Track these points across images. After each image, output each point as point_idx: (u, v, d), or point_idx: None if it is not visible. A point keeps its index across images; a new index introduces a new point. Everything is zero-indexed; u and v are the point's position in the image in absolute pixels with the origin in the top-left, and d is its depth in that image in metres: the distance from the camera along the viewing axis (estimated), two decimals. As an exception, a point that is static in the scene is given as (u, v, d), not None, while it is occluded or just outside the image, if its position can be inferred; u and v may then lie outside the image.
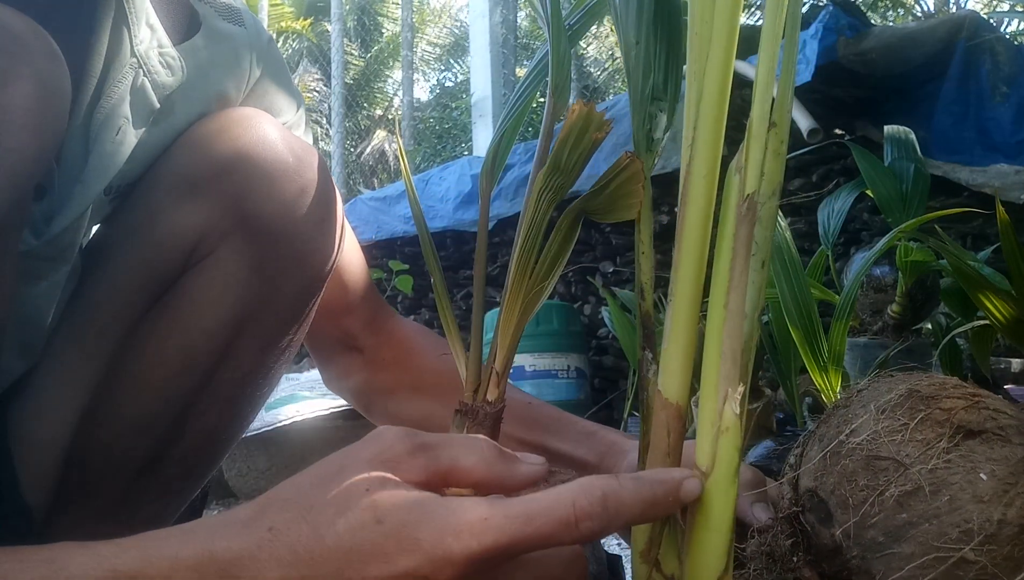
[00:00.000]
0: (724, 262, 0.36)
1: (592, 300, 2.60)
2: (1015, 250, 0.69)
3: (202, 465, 0.72)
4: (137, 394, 0.65)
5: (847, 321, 0.70)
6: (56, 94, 0.51)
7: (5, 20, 0.50)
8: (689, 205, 0.36)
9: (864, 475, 0.41)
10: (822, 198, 1.25)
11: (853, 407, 0.45)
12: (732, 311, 0.35)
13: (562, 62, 0.55)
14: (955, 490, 0.39)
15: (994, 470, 0.39)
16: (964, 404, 0.42)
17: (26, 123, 0.49)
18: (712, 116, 0.35)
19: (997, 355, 1.33)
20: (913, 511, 0.39)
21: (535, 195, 0.51)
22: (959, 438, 0.40)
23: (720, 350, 0.35)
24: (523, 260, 0.51)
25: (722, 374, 0.35)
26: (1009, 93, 1.89)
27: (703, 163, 0.36)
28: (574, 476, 0.54)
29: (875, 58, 1.93)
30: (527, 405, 0.76)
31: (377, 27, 12.71)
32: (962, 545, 0.37)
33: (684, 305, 0.37)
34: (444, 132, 10.28)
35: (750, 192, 0.35)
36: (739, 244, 0.35)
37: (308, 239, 0.67)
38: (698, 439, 0.36)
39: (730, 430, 0.35)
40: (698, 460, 0.36)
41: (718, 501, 0.35)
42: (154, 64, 0.65)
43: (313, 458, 1.70)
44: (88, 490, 0.66)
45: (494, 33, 4.81)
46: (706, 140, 0.35)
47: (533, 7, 0.60)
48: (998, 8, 6.77)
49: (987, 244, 1.57)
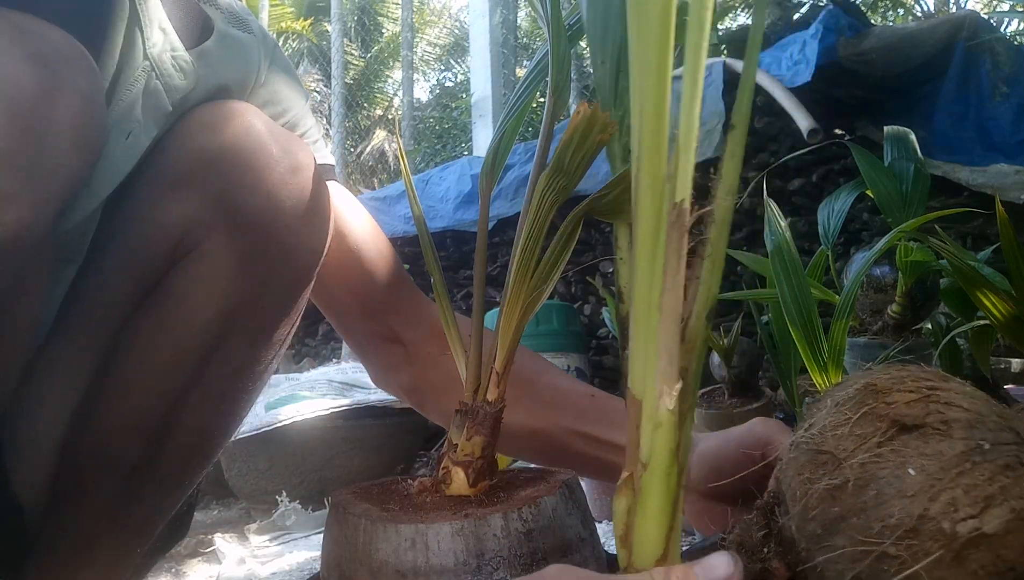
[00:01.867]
0: (655, 265, 0.37)
1: (592, 300, 2.60)
2: (1015, 250, 0.69)
3: (195, 462, 0.72)
4: (128, 391, 0.64)
5: (847, 321, 0.70)
6: (98, 111, 0.53)
7: (52, 38, 0.51)
8: (640, 213, 0.37)
9: (808, 468, 0.42)
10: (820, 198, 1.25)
11: (824, 400, 0.46)
12: (666, 312, 0.36)
13: (562, 62, 0.55)
14: (882, 484, 0.39)
15: (924, 465, 0.38)
16: (911, 398, 0.41)
17: (73, 141, 0.51)
18: (652, 128, 0.37)
19: (997, 355, 1.33)
20: (844, 504, 0.40)
21: (537, 196, 0.51)
22: (893, 432, 0.40)
23: (657, 350, 0.36)
24: (524, 261, 0.51)
25: (658, 372, 0.36)
26: (1009, 93, 1.89)
27: (647, 173, 0.37)
28: (572, 476, 0.54)
29: (875, 58, 1.93)
30: (590, 398, 0.75)
31: (377, 27, 12.71)
32: (884, 539, 0.38)
33: (643, 308, 0.38)
34: (444, 132, 10.28)
35: (679, 200, 0.36)
36: (671, 249, 0.36)
37: (295, 231, 0.66)
38: (642, 435, 0.37)
39: (663, 426, 0.36)
40: (641, 454, 0.37)
41: (653, 492, 0.37)
42: (167, 68, 0.66)
43: (313, 458, 1.73)
44: (81, 488, 0.65)
45: (494, 33, 4.81)
46: (649, 151, 0.37)
47: (533, 7, 0.60)
48: (998, 8, 6.77)
49: (987, 244, 1.57)
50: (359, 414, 1.91)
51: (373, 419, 1.94)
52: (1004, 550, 0.36)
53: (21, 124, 0.48)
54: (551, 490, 0.50)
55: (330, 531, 0.51)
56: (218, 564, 1.46)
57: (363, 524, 0.48)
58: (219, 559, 1.48)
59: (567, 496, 0.51)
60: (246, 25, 0.76)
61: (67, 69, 0.51)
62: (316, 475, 1.88)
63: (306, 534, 1.63)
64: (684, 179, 0.37)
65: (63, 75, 0.51)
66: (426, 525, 0.46)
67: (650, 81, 0.36)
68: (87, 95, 0.52)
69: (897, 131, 1.19)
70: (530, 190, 0.53)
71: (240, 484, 1.91)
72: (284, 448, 1.83)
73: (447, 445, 0.54)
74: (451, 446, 0.54)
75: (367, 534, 0.47)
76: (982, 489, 0.37)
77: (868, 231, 1.96)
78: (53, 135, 0.50)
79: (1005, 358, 1.34)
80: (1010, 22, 4.07)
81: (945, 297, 1.05)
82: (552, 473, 0.56)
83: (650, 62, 0.35)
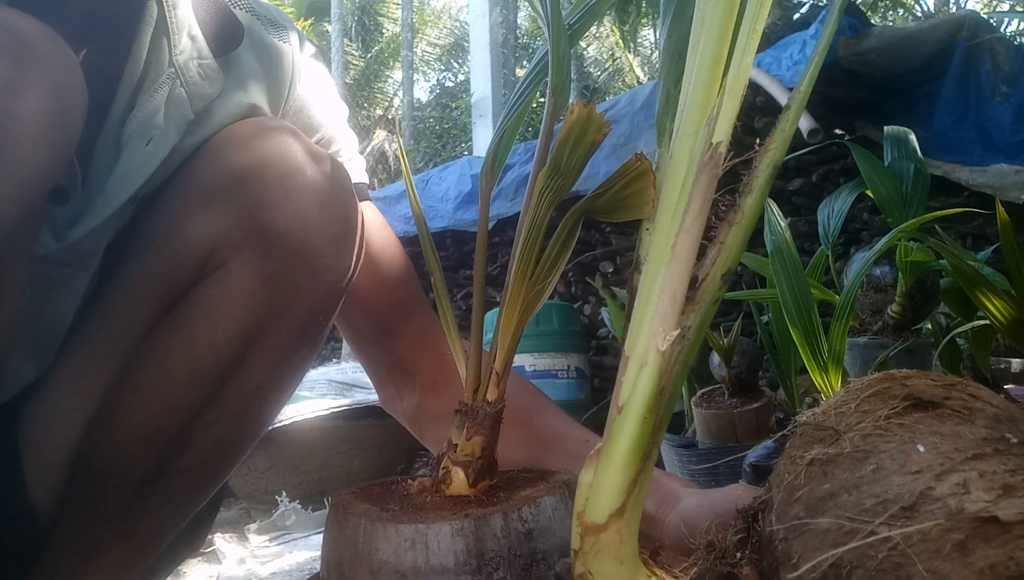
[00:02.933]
0: (679, 205, 0.35)
1: (592, 300, 2.60)
2: (1015, 250, 0.69)
3: (208, 477, 0.71)
4: (144, 402, 0.64)
5: (847, 321, 0.70)
6: (70, 105, 0.51)
7: (19, 27, 0.50)
8: (676, 158, 0.37)
9: (802, 447, 0.37)
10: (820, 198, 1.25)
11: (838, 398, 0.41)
12: (679, 254, 0.35)
13: (562, 62, 0.55)
14: (883, 458, 0.33)
15: (937, 443, 0.33)
16: (934, 383, 0.36)
17: (38, 135, 0.49)
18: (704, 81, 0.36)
19: (997, 355, 1.33)
20: (835, 480, 0.34)
21: (536, 195, 0.51)
22: (905, 407, 0.35)
23: (659, 288, 0.35)
24: (524, 260, 0.51)
25: (658, 312, 0.35)
26: (1009, 93, 1.89)
27: (692, 120, 0.36)
28: (572, 476, 0.54)
29: (875, 58, 1.93)
30: (585, 443, 0.72)
31: (377, 27, 12.72)
32: (874, 519, 0.31)
33: (658, 253, 0.37)
34: (444, 132, 10.28)
35: (716, 141, 0.35)
36: (696, 190, 0.35)
37: (323, 254, 0.65)
38: (625, 378, 0.35)
39: (648, 366, 0.34)
40: (618, 398, 0.35)
41: (623, 436, 0.34)
42: (192, 75, 0.66)
43: (313, 458, 1.73)
44: (93, 496, 0.65)
45: (494, 33, 4.81)
46: (700, 96, 0.36)
47: (533, 7, 0.60)
48: (998, 8, 6.77)
49: (987, 244, 1.57)
50: (359, 414, 1.91)
51: (373, 419, 1.94)
52: (1019, 551, 0.29)
53: None
54: (551, 490, 0.50)
55: (330, 531, 0.51)
56: (218, 564, 1.46)
57: (363, 524, 0.48)
58: (219, 559, 1.48)
59: (567, 496, 0.51)
60: (283, 32, 0.75)
61: (34, 62, 0.49)
62: (316, 475, 1.88)
63: (306, 534, 1.63)
64: (725, 122, 0.36)
65: (29, 68, 0.49)
66: (426, 525, 0.46)
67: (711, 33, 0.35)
68: (57, 87, 0.50)
69: (897, 131, 1.19)
70: (530, 190, 0.53)
71: (240, 484, 1.91)
72: (284, 448, 1.83)
73: (447, 445, 0.54)
74: (451, 446, 0.54)
75: (367, 534, 0.47)
76: (1002, 477, 0.31)
77: (868, 231, 1.96)
78: (15, 132, 0.48)
79: (1005, 358, 1.34)
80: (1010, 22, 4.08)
81: (945, 297, 1.05)
82: (552, 473, 0.56)
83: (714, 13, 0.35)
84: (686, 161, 0.36)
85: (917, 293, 1.11)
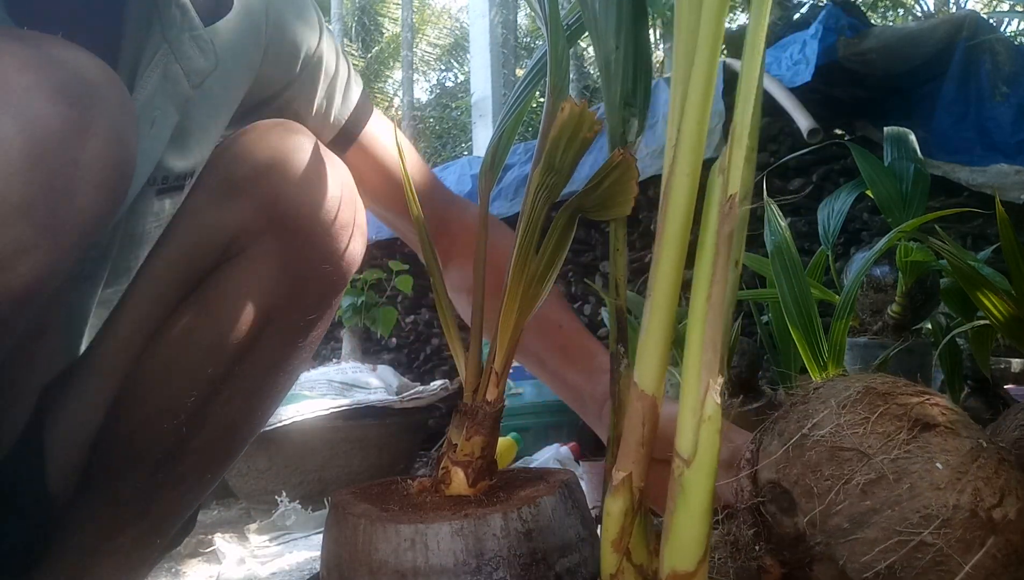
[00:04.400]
0: (707, 257, 0.37)
1: (592, 300, 2.60)
2: (1015, 250, 0.68)
3: (218, 459, 0.75)
4: (166, 379, 0.68)
5: (847, 321, 0.70)
6: (128, 146, 0.50)
7: (82, 67, 0.48)
8: (671, 202, 0.37)
9: (829, 465, 0.43)
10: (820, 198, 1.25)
11: (812, 403, 0.48)
12: (714, 303, 0.36)
13: (560, 62, 0.55)
14: (915, 478, 0.41)
15: (948, 459, 0.42)
16: (918, 400, 0.45)
17: (99, 181, 0.48)
18: (696, 117, 0.36)
19: (997, 355, 1.33)
20: (877, 498, 0.42)
21: (531, 194, 0.51)
22: (917, 430, 0.43)
23: (702, 341, 0.36)
24: (521, 259, 0.51)
25: (704, 364, 0.36)
26: (1009, 93, 1.89)
27: (686, 162, 0.36)
28: (572, 475, 0.54)
29: (875, 58, 1.93)
30: (558, 328, 0.79)
31: (377, 27, 12.72)
32: (921, 529, 0.40)
33: (662, 299, 0.37)
34: (444, 132, 10.28)
35: (732, 192, 0.36)
36: (721, 240, 0.36)
37: (335, 241, 0.70)
38: (680, 428, 0.36)
39: (711, 419, 0.36)
40: (680, 448, 0.36)
41: (698, 489, 0.36)
42: (185, 50, 0.64)
43: (313, 458, 1.73)
44: (112, 476, 0.68)
45: (494, 33, 4.81)
46: (689, 140, 0.36)
47: (532, 7, 0.60)
48: (998, 8, 6.77)
49: (987, 244, 1.57)
50: (359, 414, 1.91)
51: (373, 419, 1.93)
52: (1012, 535, 0.40)
53: (45, 170, 0.45)
54: (551, 490, 0.50)
55: (330, 531, 0.51)
56: (218, 564, 1.46)
57: (363, 524, 0.48)
58: (219, 559, 1.48)
59: (567, 496, 0.51)
60: None
61: (97, 103, 0.47)
62: (316, 475, 1.88)
63: (306, 534, 1.63)
64: (736, 172, 0.36)
65: (92, 110, 0.47)
66: (426, 525, 0.46)
67: (700, 63, 0.36)
68: (118, 130, 0.49)
69: (897, 131, 1.19)
70: (527, 189, 0.53)
71: (240, 484, 1.91)
72: (284, 448, 1.83)
73: (447, 445, 0.54)
74: (451, 446, 0.54)
75: (367, 534, 0.47)
76: (994, 481, 0.41)
77: (868, 231, 1.96)
78: (78, 180, 0.46)
79: (1005, 358, 1.34)
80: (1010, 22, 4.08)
81: (945, 297, 1.05)
82: (552, 473, 0.56)
83: (704, 42, 0.36)
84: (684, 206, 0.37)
85: (917, 293, 1.11)
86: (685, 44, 0.37)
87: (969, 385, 1.08)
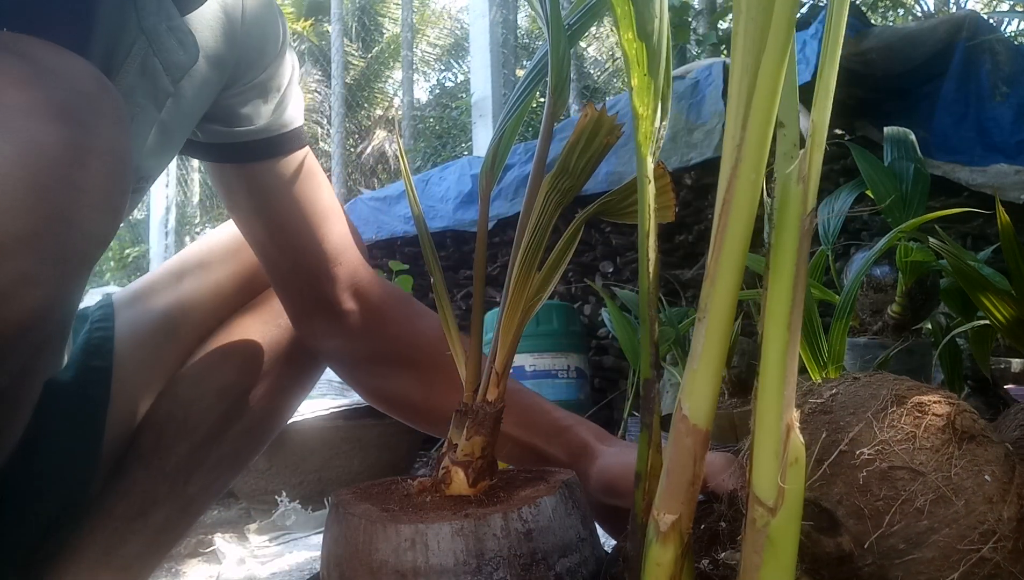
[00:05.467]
0: (785, 279, 0.32)
1: (592, 300, 2.60)
2: (1015, 250, 0.68)
3: (247, 449, 0.81)
4: (222, 363, 0.76)
5: (847, 321, 0.70)
6: (124, 163, 0.48)
7: (77, 79, 0.45)
8: (733, 214, 0.32)
9: (881, 486, 0.42)
10: (820, 198, 1.25)
11: (837, 413, 0.46)
12: (794, 331, 0.32)
13: (562, 62, 0.55)
14: (968, 494, 0.41)
15: (994, 471, 0.41)
16: (951, 410, 0.44)
17: (100, 203, 0.46)
18: (763, 117, 0.32)
19: (997, 355, 1.33)
20: (935, 517, 0.41)
21: (541, 197, 0.51)
22: (964, 443, 0.42)
23: (783, 375, 0.32)
24: (526, 262, 0.51)
25: (785, 400, 0.32)
26: (1009, 93, 1.89)
27: (751, 168, 0.32)
28: (572, 475, 0.54)
29: (875, 58, 1.93)
30: (561, 422, 0.72)
31: (377, 27, 12.71)
32: (980, 545, 0.40)
33: (718, 323, 0.33)
34: (444, 132, 10.27)
35: (813, 205, 0.33)
36: (801, 260, 0.32)
37: None
38: (758, 472, 0.33)
39: (798, 461, 0.32)
40: (762, 494, 0.33)
41: (787, 540, 0.32)
42: (164, 40, 0.60)
43: (313, 458, 1.75)
44: (153, 451, 0.74)
45: (494, 33, 4.81)
46: (756, 142, 0.31)
47: (532, 7, 0.60)
48: (998, 8, 6.77)
49: (987, 244, 1.56)
50: (359, 414, 1.91)
51: (373, 419, 1.93)
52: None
53: (47, 199, 0.42)
54: (551, 490, 0.50)
55: (330, 531, 0.51)
56: (218, 564, 1.46)
57: (363, 524, 0.48)
58: (219, 559, 1.48)
59: (567, 496, 0.51)
60: None
61: (95, 119, 0.45)
62: (316, 475, 1.88)
63: (306, 534, 1.63)
64: (816, 180, 0.33)
65: (92, 128, 0.45)
66: (426, 525, 0.46)
67: (771, 52, 0.31)
68: (115, 145, 0.46)
69: (897, 131, 1.19)
70: (530, 190, 0.53)
71: (240, 484, 1.91)
72: (284, 448, 1.83)
73: (447, 445, 0.54)
74: (451, 446, 0.53)
75: (367, 534, 0.47)
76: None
77: (868, 231, 1.96)
78: (80, 204, 0.44)
79: (1005, 358, 1.34)
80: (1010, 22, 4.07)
81: (945, 297, 1.05)
82: (552, 473, 0.56)
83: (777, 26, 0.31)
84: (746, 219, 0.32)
85: (917, 293, 1.11)
86: (751, 25, 0.32)
87: (969, 385, 1.09)
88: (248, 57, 0.69)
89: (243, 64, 0.69)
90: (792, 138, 0.35)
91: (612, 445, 0.67)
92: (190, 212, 10.17)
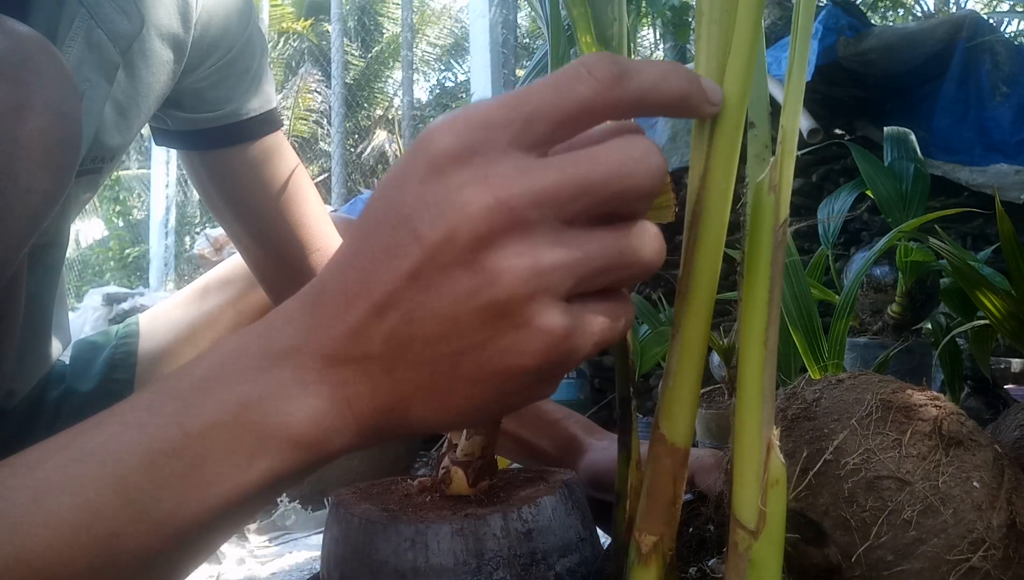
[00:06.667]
0: (760, 293, 0.31)
1: (592, 300, 2.60)
2: (1015, 250, 0.68)
3: None
4: None
5: (847, 321, 0.70)
6: (71, 121, 0.47)
7: (16, 38, 0.44)
8: (703, 227, 0.30)
9: (867, 496, 0.41)
10: (820, 198, 1.25)
11: (820, 419, 0.45)
12: (770, 349, 0.31)
13: (562, 62, 0.55)
14: (957, 502, 0.40)
15: (982, 476, 0.40)
16: (938, 413, 0.43)
17: (44, 160, 0.45)
18: (732, 124, 0.30)
19: (997, 355, 1.33)
20: (923, 528, 0.40)
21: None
22: (951, 449, 0.41)
23: (761, 392, 0.31)
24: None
25: (764, 419, 0.31)
26: (1009, 93, 1.89)
27: (721, 177, 0.30)
28: (572, 475, 0.54)
29: (875, 58, 1.93)
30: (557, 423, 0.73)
31: (377, 27, 12.72)
32: (970, 555, 0.39)
33: (693, 338, 0.31)
34: (444, 132, 10.26)
35: (785, 216, 0.32)
36: (775, 273, 0.31)
37: None
38: (738, 494, 0.32)
39: (779, 483, 0.31)
40: (743, 518, 0.31)
41: (770, 562, 0.31)
42: (105, 11, 0.58)
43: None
44: None
45: (494, 33, 4.81)
46: (725, 150, 0.30)
47: (533, 7, 0.60)
48: (998, 8, 6.77)
49: (987, 244, 1.57)
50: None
51: (373, 419, 1.93)
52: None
53: None
54: (551, 490, 0.50)
55: (330, 531, 0.51)
56: (218, 564, 1.46)
57: (363, 524, 0.48)
58: (219, 559, 1.48)
59: (567, 496, 0.51)
60: None
61: (34, 77, 0.44)
62: (316, 475, 1.87)
63: (306, 534, 1.63)
64: (788, 190, 0.32)
65: (31, 85, 0.44)
66: (426, 525, 0.46)
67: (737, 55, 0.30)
68: (58, 104, 0.45)
69: (897, 131, 1.19)
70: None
71: (240, 484, 1.91)
72: (284, 448, 1.83)
73: (447, 445, 0.54)
74: (451, 446, 0.53)
75: (367, 534, 0.47)
76: (1020, 491, 0.41)
77: (868, 231, 1.96)
78: (21, 160, 0.44)
79: (1005, 358, 1.34)
80: (1010, 22, 4.08)
81: (945, 297, 1.05)
82: (552, 473, 0.56)
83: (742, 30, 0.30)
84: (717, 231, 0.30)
85: (917, 293, 1.11)
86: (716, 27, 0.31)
87: (969, 385, 1.09)
88: (209, 37, 0.68)
89: (204, 45, 0.68)
90: (763, 140, 0.34)
91: (601, 439, 0.67)
92: (190, 212, 10.17)
